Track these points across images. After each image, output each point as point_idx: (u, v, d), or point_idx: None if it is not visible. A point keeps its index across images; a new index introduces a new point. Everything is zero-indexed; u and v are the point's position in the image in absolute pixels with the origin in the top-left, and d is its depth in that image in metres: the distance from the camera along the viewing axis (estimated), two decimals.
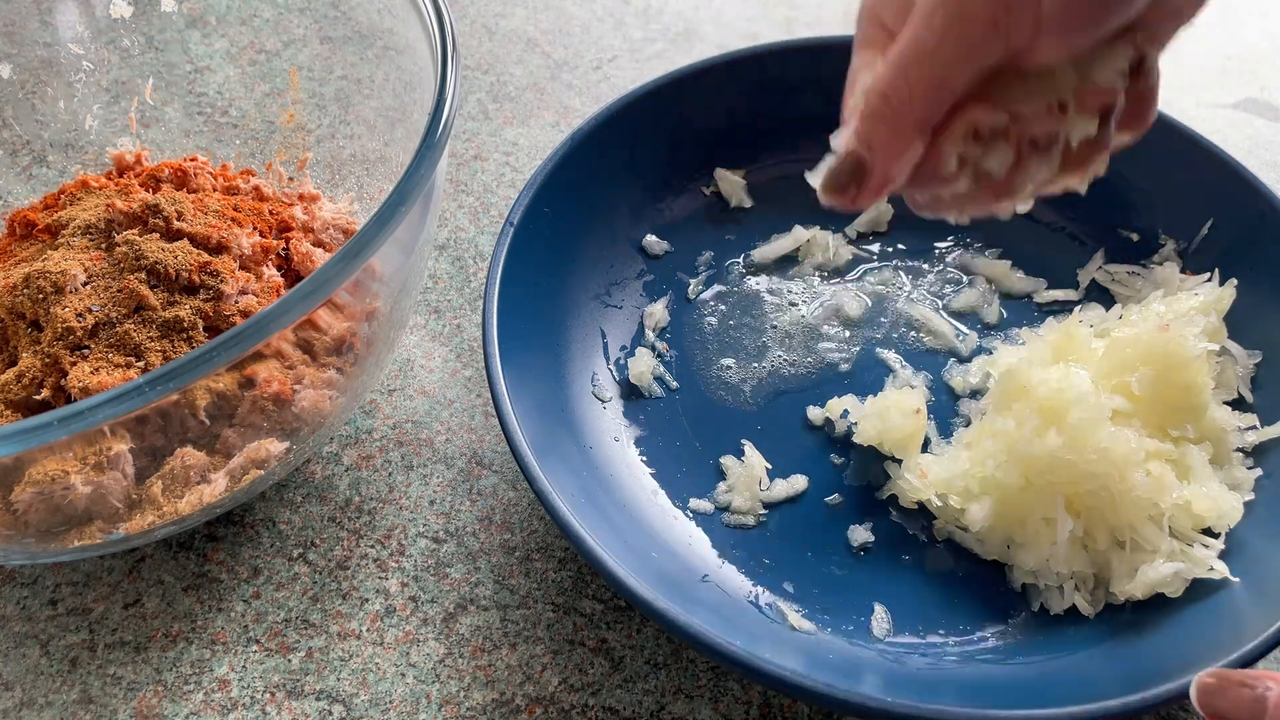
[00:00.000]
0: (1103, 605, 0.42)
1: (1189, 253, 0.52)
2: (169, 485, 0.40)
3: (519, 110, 0.66)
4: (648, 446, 0.48)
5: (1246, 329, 0.48)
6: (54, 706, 0.41)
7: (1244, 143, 0.66)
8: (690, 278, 0.54)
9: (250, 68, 0.60)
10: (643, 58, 0.71)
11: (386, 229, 0.36)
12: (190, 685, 0.42)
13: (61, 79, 0.55)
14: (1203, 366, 0.44)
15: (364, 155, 0.54)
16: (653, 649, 0.43)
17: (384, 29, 0.50)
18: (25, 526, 0.38)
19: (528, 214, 0.50)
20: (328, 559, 0.46)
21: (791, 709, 0.42)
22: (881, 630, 0.42)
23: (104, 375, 0.40)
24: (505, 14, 0.74)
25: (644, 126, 0.55)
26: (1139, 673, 0.38)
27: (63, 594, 0.45)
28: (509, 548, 0.46)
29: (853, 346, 0.52)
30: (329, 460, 0.49)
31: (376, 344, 0.44)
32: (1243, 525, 0.43)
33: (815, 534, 0.45)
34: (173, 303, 0.43)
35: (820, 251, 0.55)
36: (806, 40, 0.58)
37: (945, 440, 0.48)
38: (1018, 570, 0.43)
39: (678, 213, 0.56)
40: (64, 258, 0.43)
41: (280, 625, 0.44)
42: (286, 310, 0.34)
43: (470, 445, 0.50)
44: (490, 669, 0.42)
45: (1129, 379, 0.43)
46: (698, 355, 0.52)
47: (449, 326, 0.55)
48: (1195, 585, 0.41)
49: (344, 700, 0.42)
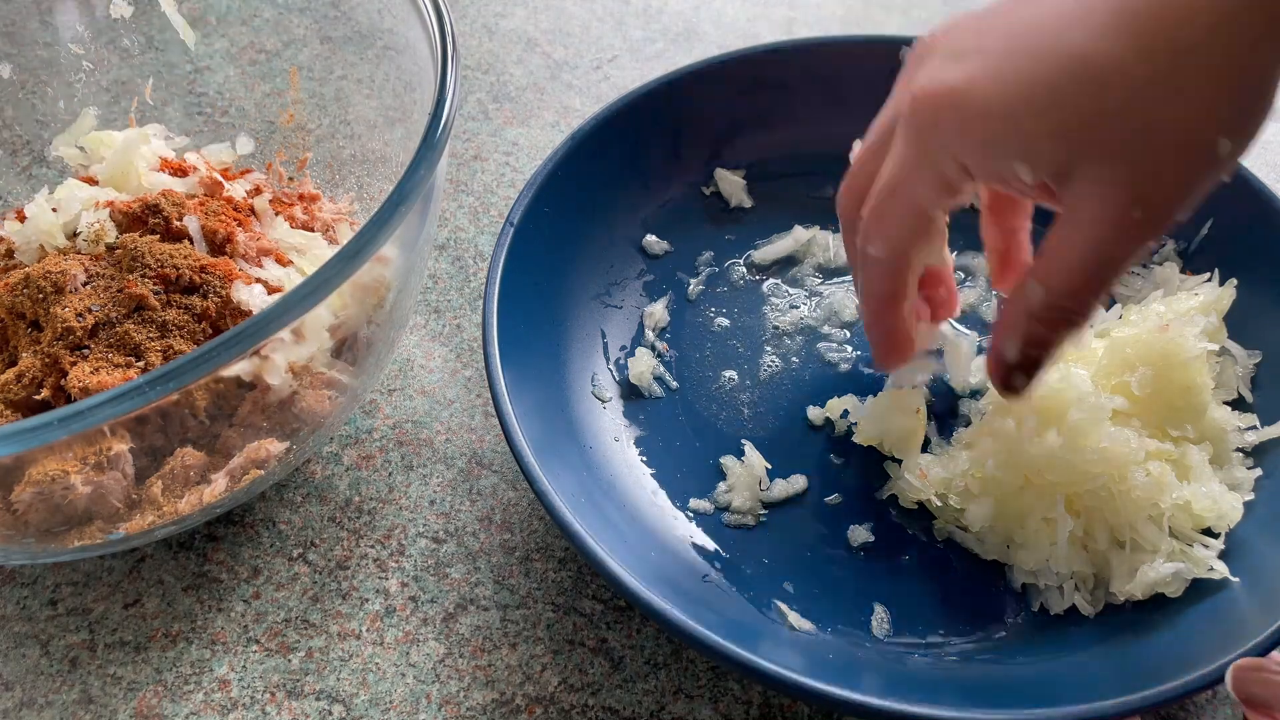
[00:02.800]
0: (1103, 605, 0.42)
1: (1189, 253, 0.52)
2: (169, 485, 0.40)
3: (519, 110, 0.66)
4: (648, 446, 0.48)
5: (1246, 329, 0.48)
6: (54, 706, 0.41)
7: None
8: (690, 278, 0.54)
9: (250, 68, 0.60)
10: (643, 58, 0.71)
11: (386, 229, 0.36)
12: (190, 685, 0.42)
13: (61, 79, 0.55)
14: (1202, 366, 0.44)
15: (364, 155, 0.54)
16: (653, 649, 0.43)
17: (384, 29, 0.50)
18: (25, 526, 0.38)
19: (528, 214, 0.50)
20: (328, 559, 0.46)
21: (791, 709, 0.42)
22: (881, 630, 0.42)
23: (104, 375, 0.40)
24: (505, 14, 0.74)
25: (644, 126, 0.55)
26: (1139, 673, 0.38)
27: (63, 594, 0.45)
28: (509, 548, 0.46)
29: (853, 347, 0.52)
30: (329, 460, 0.49)
31: (376, 344, 0.44)
32: (1243, 525, 0.43)
33: (815, 534, 0.45)
34: (172, 303, 0.43)
35: (820, 251, 0.55)
36: (806, 40, 0.58)
37: (945, 440, 0.48)
38: (1018, 570, 0.43)
39: (678, 213, 0.56)
40: (64, 258, 0.43)
41: (280, 625, 0.44)
42: (286, 310, 0.34)
43: (470, 445, 0.50)
44: (490, 669, 0.42)
45: (1129, 379, 0.43)
46: (697, 355, 0.52)
47: (449, 326, 0.55)
48: (1195, 585, 0.41)
49: (344, 700, 0.42)
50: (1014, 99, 0.33)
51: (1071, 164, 0.33)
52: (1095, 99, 0.32)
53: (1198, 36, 0.31)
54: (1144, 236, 0.33)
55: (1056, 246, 0.35)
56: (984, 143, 0.34)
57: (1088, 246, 0.33)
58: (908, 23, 0.74)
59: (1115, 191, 0.32)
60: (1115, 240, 0.33)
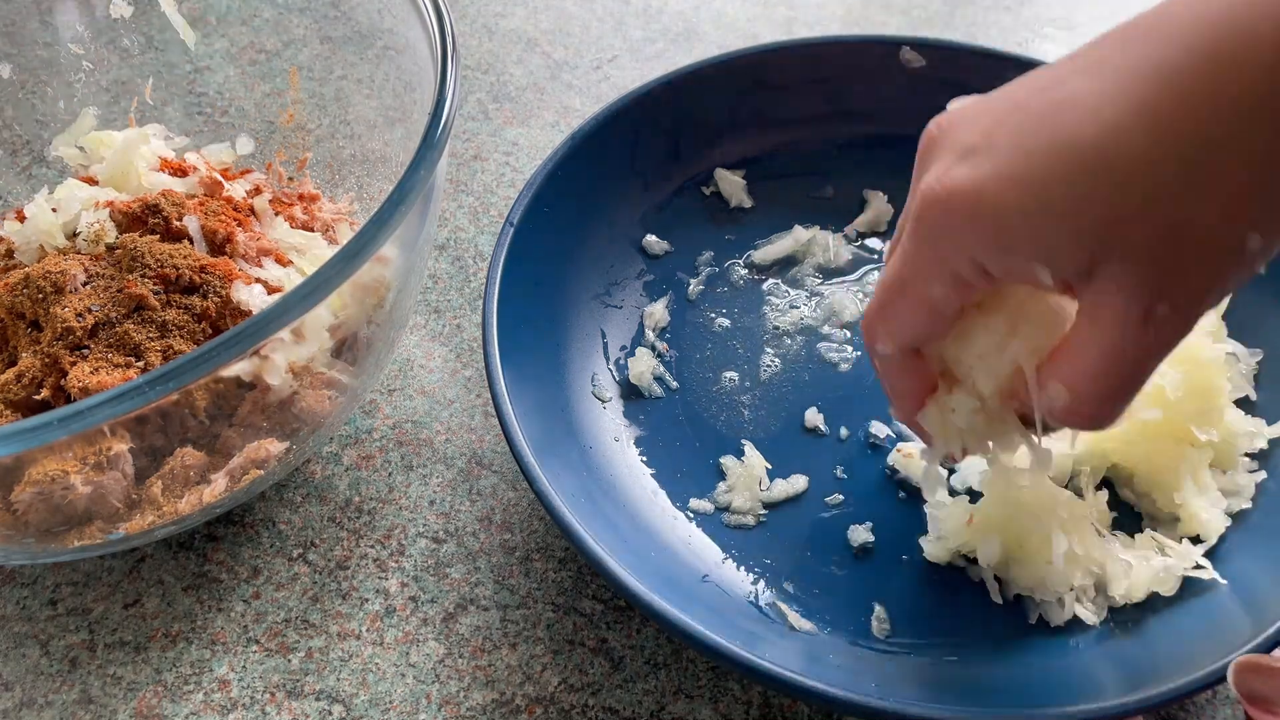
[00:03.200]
0: (1105, 611, 0.42)
1: None
2: (169, 485, 0.40)
3: (519, 110, 0.66)
4: (648, 446, 0.48)
5: (1247, 329, 0.48)
6: (54, 706, 0.41)
7: None
8: (690, 278, 0.54)
9: (250, 68, 0.60)
10: (643, 58, 0.71)
11: (386, 229, 0.36)
12: (190, 685, 0.42)
13: (61, 79, 0.55)
14: (1222, 368, 0.44)
15: (364, 155, 0.54)
16: (653, 649, 0.43)
17: (384, 29, 0.50)
18: (25, 526, 0.38)
19: (528, 214, 0.50)
20: (328, 559, 0.46)
21: (791, 709, 0.42)
22: (881, 630, 0.42)
23: (104, 375, 0.40)
24: (505, 14, 0.74)
25: (644, 126, 0.55)
26: (1139, 673, 0.38)
27: (63, 594, 0.45)
28: (509, 548, 0.46)
29: (853, 347, 0.52)
30: (329, 460, 0.49)
31: (376, 344, 0.44)
32: (1243, 526, 0.43)
33: (815, 534, 0.45)
34: (172, 303, 0.43)
35: (820, 251, 0.55)
36: (806, 40, 0.58)
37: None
38: (1016, 586, 0.43)
39: (678, 213, 0.56)
40: (64, 258, 0.43)
41: (280, 625, 0.44)
42: (286, 310, 0.34)
43: (470, 445, 0.50)
44: (490, 669, 0.42)
45: (1162, 383, 0.43)
46: (698, 355, 0.52)
47: (449, 326, 0.55)
48: (1195, 586, 0.41)
49: (344, 700, 0.42)
50: (1029, 200, 0.31)
51: (1093, 264, 0.31)
52: (1116, 198, 0.30)
53: (1225, 130, 0.29)
54: (1170, 337, 0.31)
55: (1078, 348, 0.33)
56: (1000, 248, 0.32)
57: (1113, 348, 0.32)
58: (908, 23, 0.74)
59: (1140, 292, 0.30)
60: (1140, 342, 0.31)
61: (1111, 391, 0.33)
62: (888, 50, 0.57)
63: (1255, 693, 0.33)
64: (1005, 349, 0.36)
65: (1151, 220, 0.30)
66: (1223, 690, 0.42)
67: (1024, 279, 0.33)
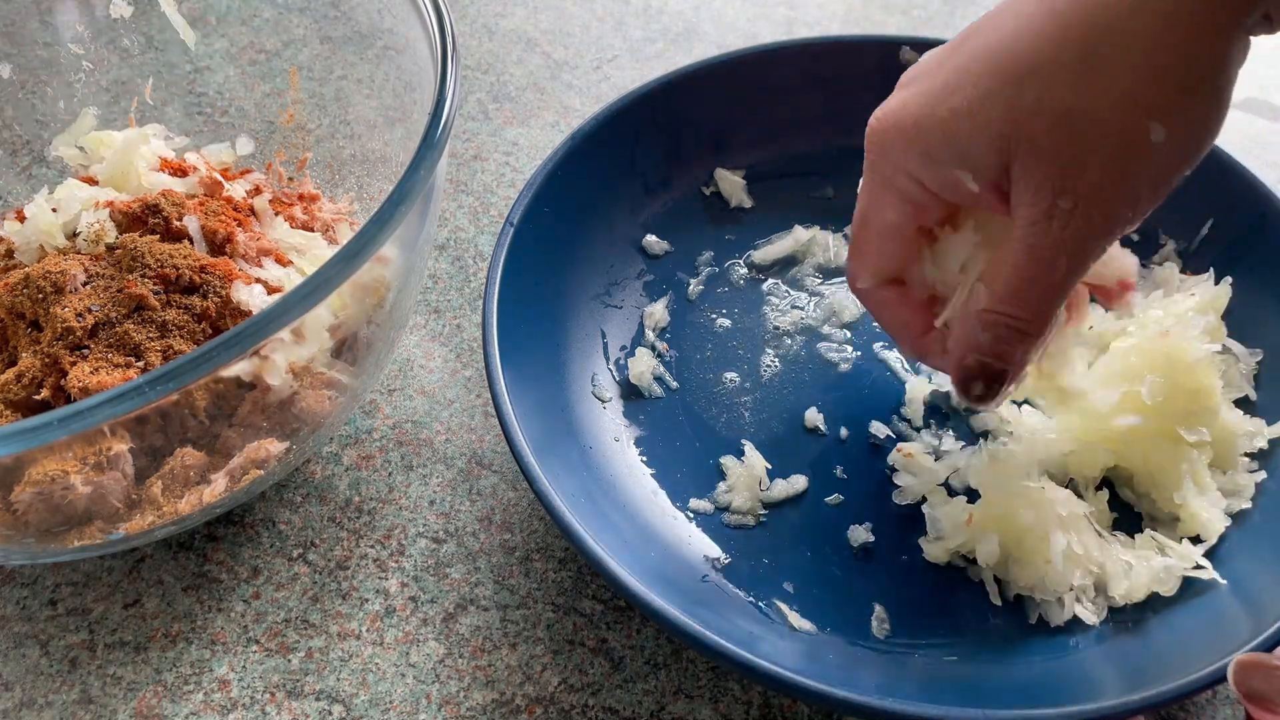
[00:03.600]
0: (1105, 611, 0.42)
1: (1189, 253, 0.52)
2: (169, 485, 0.40)
3: (519, 110, 0.66)
4: (648, 446, 0.48)
5: (1246, 329, 0.48)
6: (54, 706, 0.41)
7: (1243, 142, 0.65)
8: (690, 278, 0.54)
9: (250, 68, 0.60)
10: (643, 58, 0.71)
11: (386, 229, 0.36)
12: (190, 685, 0.42)
13: (61, 79, 0.55)
14: (1210, 368, 0.43)
15: (364, 155, 0.54)
16: (653, 649, 0.43)
17: (384, 29, 0.50)
18: (25, 526, 0.38)
19: (528, 214, 0.50)
20: (328, 559, 0.46)
21: (791, 709, 0.42)
22: (881, 630, 0.42)
23: (104, 375, 0.40)
24: (505, 14, 0.74)
25: (644, 126, 0.55)
26: (1139, 673, 0.38)
27: (63, 594, 0.45)
28: (509, 548, 0.46)
29: (853, 347, 0.52)
30: (329, 460, 0.49)
31: (376, 344, 0.44)
32: (1243, 526, 0.43)
33: (815, 534, 0.45)
34: (172, 303, 0.43)
35: (820, 251, 0.55)
36: (806, 40, 0.58)
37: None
38: (1016, 585, 0.43)
39: (678, 213, 0.56)
40: (64, 258, 0.43)
41: (280, 625, 0.44)
42: (286, 310, 0.34)
43: (470, 445, 0.50)
44: (490, 669, 0.42)
45: (1138, 389, 0.43)
46: (698, 355, 0.52)
47: (449, 326, 0.55)
48: (1195, 586, 0.41)
49: (344, 700, 0.42)
50: (942, 109, 0.32)
51: (1006, 163, 0.31)
52: (1016, 92, 0.31)
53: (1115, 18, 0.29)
54: (1079, 235, 0.31)
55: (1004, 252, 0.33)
56: (926, 158, 0.34)
57: (1022, 248, 0.32)
58: (908, 23, 0.74)
59: (1044, 187, 0.31)
60: (1048, 239, 0.31)
61: (1022, 289, 0.32)
62: (888, 50, 0.57)
63: (1255, 691, 0.33)
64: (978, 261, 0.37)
65: (1049, 111, 0.30)
66: (1223, 690, 0.42)
67: (955, 189, 0.34)
